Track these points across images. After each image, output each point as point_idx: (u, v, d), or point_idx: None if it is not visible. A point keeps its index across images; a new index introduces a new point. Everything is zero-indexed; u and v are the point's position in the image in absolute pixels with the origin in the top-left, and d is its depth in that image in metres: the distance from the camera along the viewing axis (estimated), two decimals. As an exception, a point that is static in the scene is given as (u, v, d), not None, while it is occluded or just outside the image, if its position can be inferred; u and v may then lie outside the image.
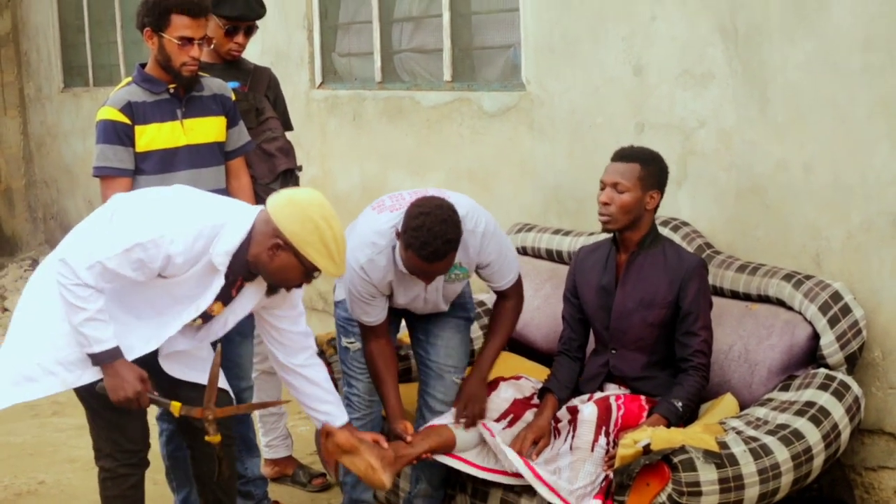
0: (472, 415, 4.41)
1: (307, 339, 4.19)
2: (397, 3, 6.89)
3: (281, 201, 3.76)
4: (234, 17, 4.93)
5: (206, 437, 3.99)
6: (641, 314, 4.36)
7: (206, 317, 3.98)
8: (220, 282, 3.81)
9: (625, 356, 4.44)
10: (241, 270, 3.85)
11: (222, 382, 4.15)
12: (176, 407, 3.94)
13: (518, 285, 4.56)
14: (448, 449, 4.39)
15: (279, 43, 7.45)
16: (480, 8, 6.36)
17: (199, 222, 3.73)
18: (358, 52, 7.22)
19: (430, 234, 4.00)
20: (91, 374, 3.86)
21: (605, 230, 4.44)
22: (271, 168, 5.13)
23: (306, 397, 4.21)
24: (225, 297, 3.92)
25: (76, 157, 10.58)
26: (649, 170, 4.35)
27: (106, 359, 3.80)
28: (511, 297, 4.56)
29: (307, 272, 3.79)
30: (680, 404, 4.20)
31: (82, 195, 10.58)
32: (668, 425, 4.13)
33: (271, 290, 3.96)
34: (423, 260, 4.05)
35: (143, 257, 3.67)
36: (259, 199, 4.85)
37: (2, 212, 11.39)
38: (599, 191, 4.39)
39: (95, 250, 3.67)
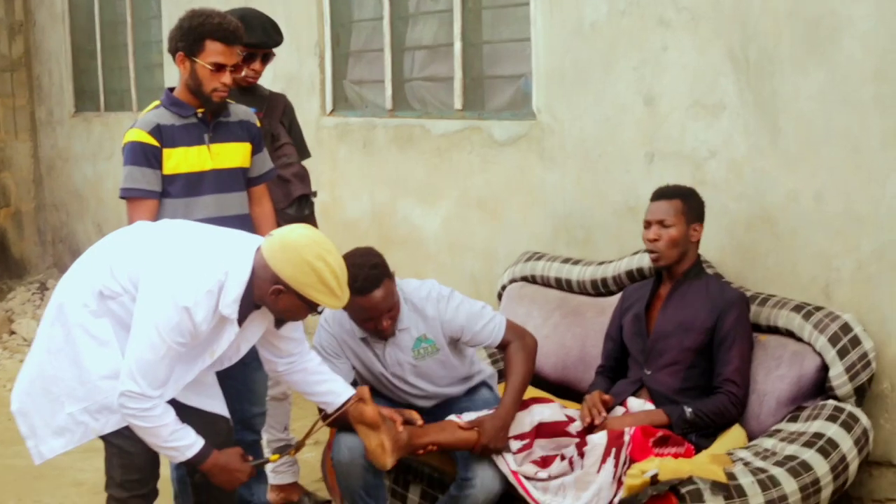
0: (484, 454, 4.32)
1: (300, 345, 4.19)
2: (409, 32, 6.91)
3: (274, 246, 3.73)
4: (253, 44, 4.94)
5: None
6: (679, 337, 4.41)
7: None
8: (234, 329, 3.83)
9: (657, 378, 4.46)
10: (248, 308, 3.86)
11: (221, 409, 4.17)
12: (275, 458, 4.23)
13: (511, 329, 4.50)
14: (465, 448, 4.33)
15: (290, 69, 7.47)
16: (492, 37, 6.38)
17: (206, 281, 3.71)
18: (369, 79, 7.23)
19: (355, 267, 4.13)
20: (115, 422, 3.87)
21: (656, 267, 4.57)
22: (286, 193, 5.13)
23: (307, 385, 4.22)
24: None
25: (86, 181, 10.60)
26: (690, 203, 4.51)
27: (202, 458, 3.86)
28: (511, 341, 4.48)
29: (313, 308, 3.81)
30: (689, 410, 4.24)
31: (91, 219, 10.60)
32: (669, 425, 4.21)
33: (279, 323, 3.99)
34: (359, 293, 4.18)
35: (182, 340, 3.71)
36: (278, 224, 4.87)
37: (11, 234, 11.38)
38: (644, 230, 4.51)
39: (146, 360, 3.69)
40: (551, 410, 4.47)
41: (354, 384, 4.56)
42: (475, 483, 4.30)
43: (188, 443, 3.82)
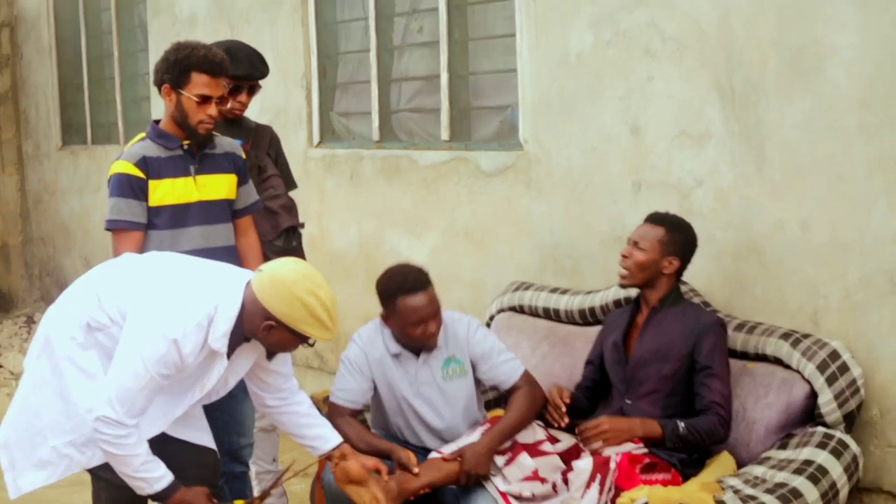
0: (469, 483, 4.33)
1: (288, 381, 4.20)
2: (395, 63, 6.93)
3: (264, 282, 3.74)
4: (239, 76, 4.94)
5: None
6: (656, 366, 4.41)
7: None
8: (223, 363, 3.83)
9: (638, 407, 4.46)
10: (237, 342, 3.86)
11: (208, 441, 4.16)
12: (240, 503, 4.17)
13: (527, 377, 4.62)
14: (450, 482, 4.34)
15: (277, 101, 7.48)
16: (478, 68, 6.40)
17: (196, 314, 3.72)
18: (356, 111, 7.24)
19: (401, 272, 4.54)
20: (102, 455, 3.84)
21: (621, 285, 4.58)
22: (274, 225, 5.13)
23: (296, 428, 4.23)
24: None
25: (73, 215, 10.59)
26: (673, 236, 4.50)
27: (169, 493, 3.83)
28: (521, 386, 4.58)
29: (303, 339, 3.81)
30: (682, 425, 4.22)
31: (79, 252, 10.57)
32: (661, 437, 4.19)
33: (271, 355, 4.00)
34: (410, 292, 4.43)
35: (166, 372, 3.70)
36: (265, 256, 4.87)
37: (-2, 268, 11.39)
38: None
39: (127, 388, 3.68)
40: (526, 432, 4.47)
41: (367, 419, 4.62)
42: None
43: (157, 475, 3.80)
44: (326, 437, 4.22)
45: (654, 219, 4.57)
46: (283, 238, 5.19)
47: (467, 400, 4.63)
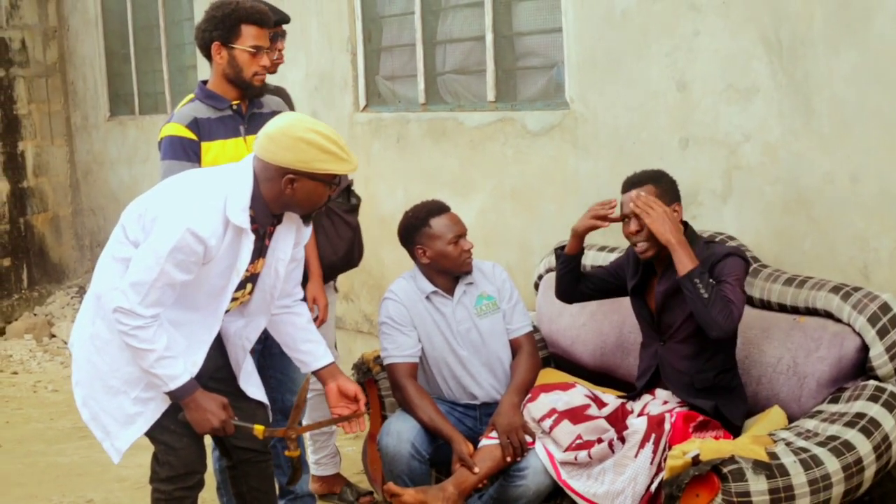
0: (516, 445, 4.38)
1: (297, 287, 4.24)
2: (440, 25, 6.92)
3: (265, 143, 3.77)
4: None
5: (287, 453, 4.09)
6: (683, 307, 4.34)
7: (255, 279, 4.02)
8: (249, 239, 3.83)
9: (672, 347, 4.45)
10: (267, 219, 3.89)
11: (261, 396, 4.21)
12: (259, 430, 3.99)
13: (533, 339, 4.81)
14: (503, 466, 4.39)
15: (323, 66, 7.49)
16: (523, 28, 6.38)
17: (207, 199, 3.75)
18: (401, 74, 7.25)
19: (421, 204, 4.80)
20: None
21: (645, 259, 4.46)
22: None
23: (291, 339, 4.25)
24: (262, 250, 3.96)
25: (122, 185, 10.66)
26: (662, 186, 4.42)
27: (184, 393, 3.85)
28: (526, 347, 4.77)
29: (329, 183, 3.82)
30: (706, 275, 4.13)
31: (129, 222, 10.63)
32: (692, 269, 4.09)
33: (307, 220, 4.01)
34: (441, 211, 4.72)
35: (183, 258, 3.70)
36: (325, 215, 4.93)
37: (49, 239, 11.46)
38: (623, 224, 4.43)
39: (139, 281, 3.71)
40: (569, 397, 4.48)
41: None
42: (527, 474, 4.33)
43: (172, 373, 3.81)
44: (318, 354, 4.23)
45: (636, 181, 4.44)
46: (343, 196, 5.20)
47: (501, 336, 4.76)
